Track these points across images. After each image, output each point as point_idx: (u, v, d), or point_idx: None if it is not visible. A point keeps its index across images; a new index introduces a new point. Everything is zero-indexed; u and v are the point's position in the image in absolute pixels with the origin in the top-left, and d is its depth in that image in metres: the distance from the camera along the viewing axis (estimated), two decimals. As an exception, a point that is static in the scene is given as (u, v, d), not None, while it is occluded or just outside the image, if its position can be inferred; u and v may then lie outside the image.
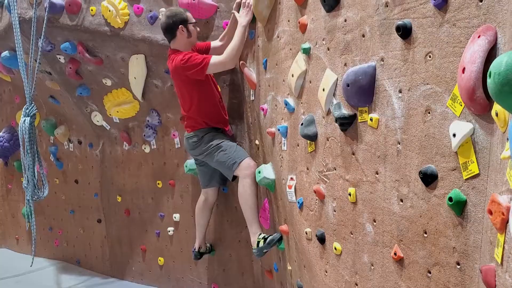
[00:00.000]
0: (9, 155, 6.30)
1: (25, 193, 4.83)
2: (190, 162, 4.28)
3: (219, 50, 3.73)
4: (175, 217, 4.77)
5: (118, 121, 4.92)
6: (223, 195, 4.37)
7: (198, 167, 4.11)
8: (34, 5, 4.23)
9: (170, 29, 3.69)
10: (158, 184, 4.85)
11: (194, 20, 3.74)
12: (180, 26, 3.66)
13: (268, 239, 3.45)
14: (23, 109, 4.62)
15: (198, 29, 3.78)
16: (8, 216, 6.59)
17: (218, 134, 3.85)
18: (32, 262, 5.09)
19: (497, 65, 1.26)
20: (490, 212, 1.47)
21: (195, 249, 4.29)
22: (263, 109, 3.43)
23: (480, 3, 1.65)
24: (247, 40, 3.64)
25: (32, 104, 4.59)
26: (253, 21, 3.49)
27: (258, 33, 3.45)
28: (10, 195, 6.50)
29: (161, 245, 4.97)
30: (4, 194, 6.58)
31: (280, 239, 3.42)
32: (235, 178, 3.88)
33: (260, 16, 3.29)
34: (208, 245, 4.40)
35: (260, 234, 3.56)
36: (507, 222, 1.39)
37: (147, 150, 4.84)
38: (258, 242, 3.51)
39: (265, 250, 3.51)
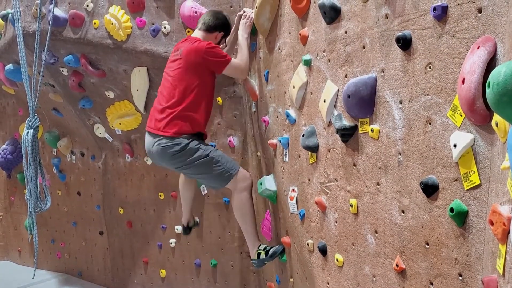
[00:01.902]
0: (12, 167, 6.31)
1: (27, 205, 4.83)
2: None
3: None
4: (177, 229, 4.76)
5: (120, 133, 4.93)
6: (225, 206, 4.36)
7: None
8: (38, 19, 4.27)
9: (213, 26, 3.52)
10: (160, 196, 4.85)
11: (227, 38, 3.66)
12: (222, 32, 3.56)
13: (270, 252, 3.42)
14: (26, 121, 4.64)
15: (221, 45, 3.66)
16: (11, 228, 6.58)
17: (200, 142, 3.39)
18: (34, 275, 5.08)
19: (495, 76, 1.27)
20: (492, 223, 1.46)
21: (183, 224, 4.07)
22: (264, 121, 3.43)
23: (479, 14, 1.66)
24: (249, 52, 3.66)
25: (35, 117, 4.62)
26: (254, 33, 3.52)
27: (259, 45, 3.47)
28: (13, 207, 6.50)
29: (163, 257, 4.95)
30: (7, 207, 6.58)
31: (282, 252, 3.40)
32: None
33: (262, 29, 3.31)
34: (196, 219, 4.19)
35: (261, 245, 3.51)
36: (509, 232, 1.38)
37: (149, 162, 4.85)
38: (259, 253, 3.47)
39: (266, 262, 3.49)
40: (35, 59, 4.38)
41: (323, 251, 2.63)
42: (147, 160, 4.86)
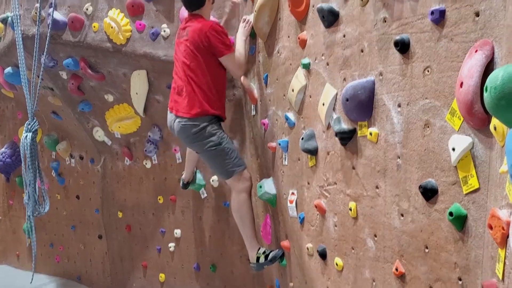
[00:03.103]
0: (11, 171, 6.31)
1: (26, 209, 4.82)
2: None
3: None
4: (176, 233, 4.75)
5: (119, 137, 4.93)
6: (224, 209, 4.36)
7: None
8: (37, 22, 4.28)
9: None
10: (159, 199, 4.84)
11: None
12: None
13: (270, 256, 3.41)
14: (25, 124, 4.64)
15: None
16: (9, 232, 6.57)
17: (219, 127, 3.47)
18: (32, 279, 5.06)
19: (493, 79, 1.27)
20: (491, 227, 1.46)
21: (183, 180, 4.25)
22: (264, 124, 3.43)
23: (477, 18, 1.66)
24: (248, 55, 3.66)
25: (34, 120, 4.61)
26: (253, 36, 3.52)
27: (258, 48, 3.47)
28: (11, 211, 6.49)
29: (162, 261, 4.94)
30: (5, 210, 6.57)
31: (282, 256, 3.39)
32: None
33: (261, 32, 3.31)
34: (195, 176, 4.31)
35: (260, 248, 3.50)
36: (508, 237, 1.38)
37: (148, 165, 4.84)
38: (259, 257, 3.46)
39: (265, 266, 3.48)
40: (34, 63, 4.38)
41: (323, 255, 2.62)
42: (146, 163, 4.86)
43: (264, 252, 3.46)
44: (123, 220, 5.19)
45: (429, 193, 1.85)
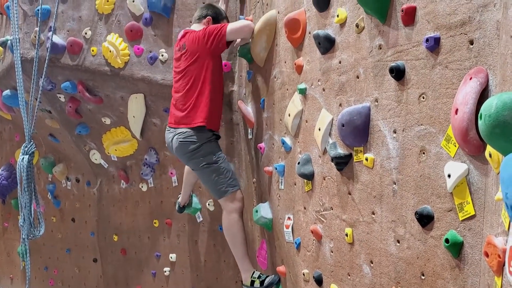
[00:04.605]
0: (6, 193, 6.27)
1: (21, 232, 4.78)
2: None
3: None
4: (171, 257, 4.70)
5: (116, 159, 4.92)
6: (220, 234, 4.31)
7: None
8: (36, 46, 4.32)
9: (201, 16, 3.60)
10: (155, 223, 4.81)
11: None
12: (209, 17, 3.58)
13: (266, 282, 3.36)
14: (22, 147, 4.62)
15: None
16: (3, 255, 6.49)
17: (216, 146, 3.50)
18: (25, 303, 4.97)
19: (487, 107, 1.27)
20: (487, 255, 1.44)
21: (179, 203, 4.19)
22: (260, 148, 3.44)
23: (471, 46, 1.69)
24: (246, 80, 3.69)
25: (31, 142, 4.60)
26: (250, 61, 3.55)
27: (256, 73, 3.50)
28: (6, 233, 6.43)
29: (157, 285, 4.87)
30: (0, 233, 6.51)
31: (278, 282, 3.34)
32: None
33: (258, 58, 3.35)
34: (191, 200, 4.28)
35: (255, 272, 3.45)
36: (504, 265, 1.36)
37: (144, 188, 4.83)
38: (253, 281, 3.41)
39: None
40: (32, 85, 4.40)
41: (319, 281, 2.59)
42: (142, 186, 4.84)
43: (259, 277, 3.41)
44: (118, 243, 5.14)
45: (425, 219, 1.84)
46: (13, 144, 6.08)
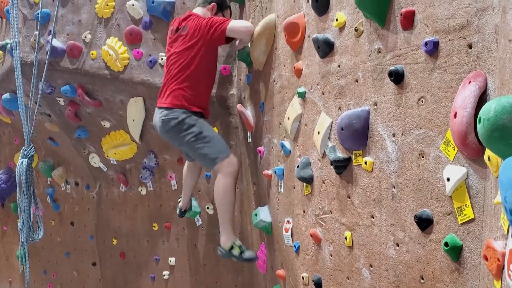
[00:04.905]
0: (5, 196, 6.26)
1: (20, 235, 4.77)
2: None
3: None
4: (170, 261, 4.69)
5: (115, 163, 4.92)
6: (219, 237, 4.31)
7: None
8: (36, 49, 4.32)
9: (209, 1, 3.63)
10: (154, 226, 4.80)
11: (227, 16, 3.72)
12: (214, 4, 3.63)
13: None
14: (21, 150, 4.62)
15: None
16: (2, 258, 6.48)
17: (199, 119, 3.49)
18: (24, 307, 4.96)
19: (486, 111, 1.28)
20: (486, 258, 1.45)
21: (181, 208, 4.18)
22: (260, 151, 3.44)
23: (470, 50, 1.69)
24: (245, 84, 3.70)
25: (30, 146, 4.60)
26: (250, 65, 3.56)
27: (255, 77, 3.51)
28: (5, 237, 6.41)
29: (156, 289, 4.86)
30: (-1, 236, 6.51)
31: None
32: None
33: (257, 61, 3.35)
34: (191, 203, 4.27)
35: (237, 241, 3.49)
36: (503, 268, 1.36)
37: (144, 192, 4.82)
38: (232, 247, 3.45)
39: (233, 258, 3.49)
40: (32, 89, 4.40)
41: (318, 284, 2.59)
42: (141, 190, 4.84)
43: (240, 247, 3.46)
44: (117, 247, 5.13)
45: (424, 223, 1.84)
46: (12, 148, 6.08)
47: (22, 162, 4.53)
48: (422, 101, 1.87)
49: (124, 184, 4.97)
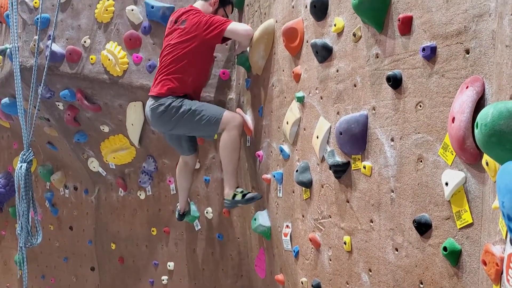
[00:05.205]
0: (4, 201, 6.25)
1: (18, 240, 4.76)
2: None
3: None
4: (169, 266, 4.68)
5: (114, 167, 4.92)
6: (218, 242, 4.31)
7: (164, 135, 3.90)
8: (35, 54, 4.33)
9: None
10: (153, 231, 4.79)
11: (228, 13, 3.74)
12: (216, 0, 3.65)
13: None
14: (20, 155, 4.62)
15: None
16: (0, 263, 6.46)
17: (184, 99, 3.52)
18: (22, 312, 4.94)
19: (483, 117, 1.28)
20: (485, 263, 1.45)
21: (179, 211, 4.18)
22: (259, 155, 3.44)
23: (467, 55, 1.70)
24: (244, 88, 3.70)
25: (29, 150, 4.60)
26: (249, 70, 3.57)
27: (254, 81, 3.51)
28: (4, 241, 6.40)
29: (155, 294, 4.85)
30: (-3, 241, 6.49)
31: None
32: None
33: (256, 66, 3.36)
34: (190, 207, 4.28)
35: (239, 187, 3.51)
36: (502, 273, 1.37)
37: (142, 196, 4.82)
38: (235, 195, 3.44)
39: (239, 204, 3.48)
40: (31, 93, 4.40)
41: (317, 289, 2.59)
42: (140, 194, 4.83)
43: (242, 191, 3.45)
44: (116, 252, 5.12)
45: (423, 227, 1.85)
46: (11, 152, 6.07)
47: (21, 166, 4.53)
48: (420, 106, 1.88)
49: (123, 189, 4.96)
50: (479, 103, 1.63)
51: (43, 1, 4.32)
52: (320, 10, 2.50)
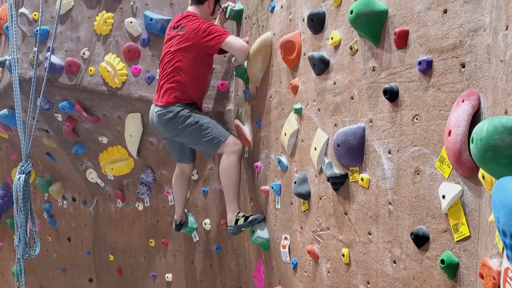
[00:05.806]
0: (2, 212, 6.23)
1: (16, 251, 4.74)
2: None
3: None
4: (167, 277, 4.67)
5: (112, 178, 4.92)
6: (217, 254, 4.30)
7: (166, 141, 3.91)
8: (34, 66, 4.34)
9: None
10: (151, 242, 4.78)
11: (224, 5, 3.77)
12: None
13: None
14: (19, 166, 4.62)
15: (219, 14, 3.82)
16: (-2, 275, 6.43)
17: (193, 110, 3.59)
18: (19, 324, 4.91)
19: (478, 131, 1.29)
20: (482, 276, 1.45)
21: (176, 221, 4.16)
22: (257, 167, 3.45)
23: (463, 69, 1.72)
24: (242, 100, 3.72)
25: (28, 161, 4.60)
26: (247, 81, 3.59)
27: (252, 93, 3.53)
28: (1, 253, 6.37)
29: (153, 306, 4.82)
30: (-6, 252, 6.46)
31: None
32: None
33: (254, 78, 3.38)
34: (187, 218, 4.27)
35: (240, 212, 3.49)
36: (499, 286, 1.37)
37: (140, 207, 4.81)
38: (238, 220, 3.44)
39: (242, 229, 3.47)
40: (30, 105, 4.41)
41: (316, 301, 2.58)
42: (138, 205, 4.83)
43: (244, 216, 3.45)
44: (114, 263, 5.11)
45: (420, 240, 1.85)
46: (9, 163, 6.07)
47: (20, 177, 4.52)
48: (417, 119, 1.89)
49: (121, 200, 4.96)
50: (475, 117, 1.64)
51: (43, 13, 4.34)
52: (317, 23, 2.52)
